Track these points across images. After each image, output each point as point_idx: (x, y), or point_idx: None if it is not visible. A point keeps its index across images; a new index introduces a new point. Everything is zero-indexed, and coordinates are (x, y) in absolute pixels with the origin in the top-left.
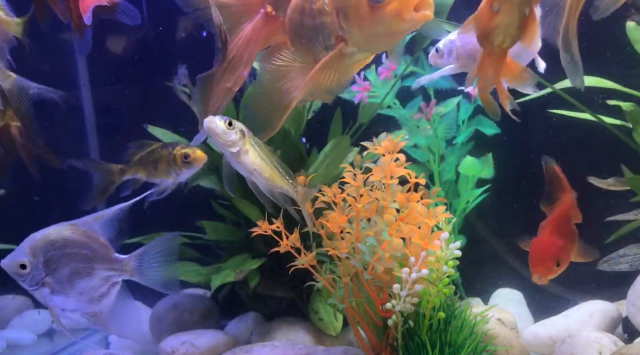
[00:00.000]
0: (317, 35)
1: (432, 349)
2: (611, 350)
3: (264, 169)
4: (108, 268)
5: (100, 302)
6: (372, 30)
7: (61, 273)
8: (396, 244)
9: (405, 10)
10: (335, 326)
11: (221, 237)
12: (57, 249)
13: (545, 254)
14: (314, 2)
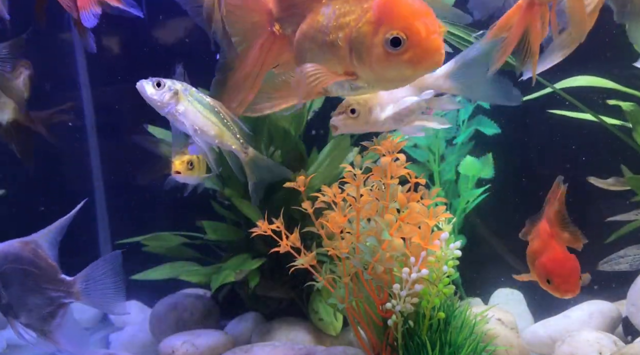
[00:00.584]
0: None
1: (432, 349)
2: (611, 350)
3: (209, 127)
4: (55, 289)
5: (50, 322)
6: (386, 74)
7: (13, 288)
8: (396, 244)
9: (421, 60)
10: (335, 326)
11: (221, 237)
12: (10, 263)
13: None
14: (327, 33)
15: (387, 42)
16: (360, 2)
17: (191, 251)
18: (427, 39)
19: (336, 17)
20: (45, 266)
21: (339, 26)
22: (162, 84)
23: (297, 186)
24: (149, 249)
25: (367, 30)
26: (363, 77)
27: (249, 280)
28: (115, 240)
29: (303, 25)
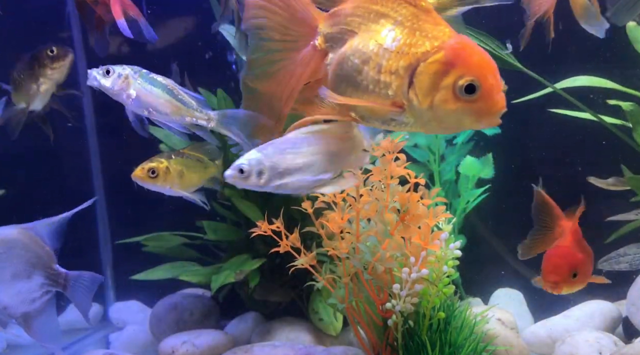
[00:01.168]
0: (372, 91)
1: (432, 349)
2: (611, 350)
3: (163, 105)
4: (46, 276)
5: (31, 305)
6: (444, 117)
7: (3, 272)
8: (396, 244)
9: (487, 113)
10: (335, 326)
11: (221, 237)
12: (4, 248)
13: (563, 262)
14: (387, 58)
15: (459, 86)
16: (429, 37)
17: (191, 251)
18: (498, 95)
19: (401, 44)
20: (40, 253)
21: (403, 54)
22: (111, 71)
23: None
24: (149, 249)
25: (437, 68)
26: (413, 113)
27: (249, 281)
28: (115, 240)
29: (355, 43)
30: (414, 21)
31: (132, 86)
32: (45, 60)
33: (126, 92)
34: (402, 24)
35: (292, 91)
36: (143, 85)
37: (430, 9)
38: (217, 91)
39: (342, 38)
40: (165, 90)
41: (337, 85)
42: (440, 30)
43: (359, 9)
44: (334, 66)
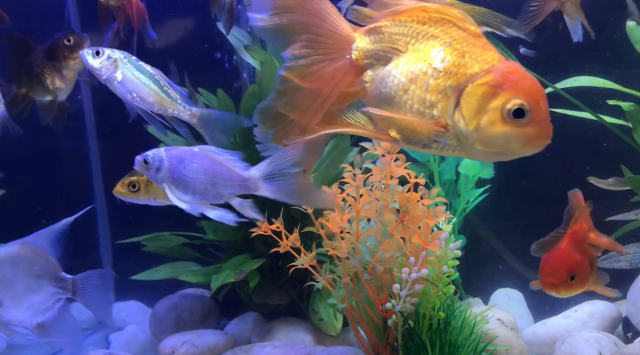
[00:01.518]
0: (417, 110)
1: (432, 349)
2: (611, 350)
3: (147, 94)
4: (55, 285)
5: (44, 315)
6: (491, 140)
7: (14, 290)
8: (396, 244)
9: (535, 139)
10: (335, 326)
11: (221, 237)
12: (10, 267)
13: (559, 264)
14: (434, 77)
15: (508, 110)
16: (479, 60)
17: (191, 251)
18: (547, 121)
19: (449, 65)
20: (45, 264)
21: (451, 74)
22: (101, 53)
23: None
24: (149, 249)
25: (486, 91)
26: (457, 135)
27: (249, 280)
28: (115, 240)
29: (403, 61)
30: (463, 44)
31: (120, 70)
32: (64, 51)
33: (112, 75)
34: (451, 45)
35: (322, 103)
36: (131, 70)
37: (480, 34)
38: (217, 91)
39: (386, 56)
40: (152, 80)
41: (378, 104)
42: (489, 54)
43: (406, 27)
44: (376, 84)
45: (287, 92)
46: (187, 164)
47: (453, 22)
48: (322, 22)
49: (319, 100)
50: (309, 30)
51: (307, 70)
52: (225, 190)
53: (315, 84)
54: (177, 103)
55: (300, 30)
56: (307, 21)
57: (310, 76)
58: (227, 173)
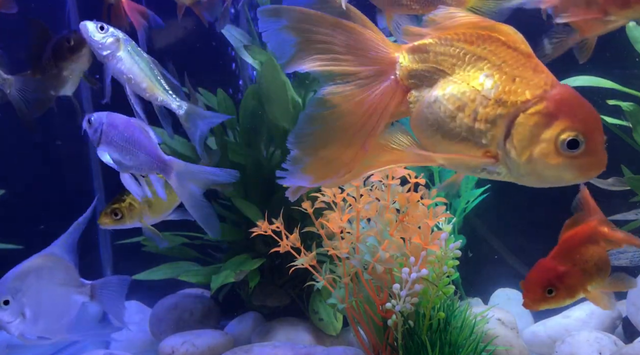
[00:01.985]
0: (465, 139)
1: (432, 349)
2: (611, 350)
3: (142, 78)
4: (76, 292)
5: (61, 319)
6: (544, 171)
7: (38, 303)
8: (396, 244)
9: (589, 170)
10: (335, 326)
11: (221, 237)
12: (36, 279)
13: (533, 279)
14: (484, 105)
15: (562, 140)
16: (530, 85)
17: (191, 251)
18: (602, 151)
19: (499, 91)
20: (66, 272)
21: (501, 103)
22: (106, 29)
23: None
24: (149, 249)
25: (538, 120)
26: (508, 165)
27: (249, 281)
28: (115, 241)
29: (450, 86)
30: (514, 66)
31: (122, 50)
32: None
33: (113, 53)
34: (500, 68)
35: (375, 127)
36: (131, 52)
37: (531, 53)
38: (217, 91)
39: (431, 77)
40: (148, 67)
41: (423, 128)
42: (541, 77)
43: (452, 47)
44: (422, 108)
45: (326, 119)
46: (119, 131)
47: (502, 40)
48: (363, 41)
49: (367, 126)
50: (349, 50)
51: (351, 94)
52: (145, 165)
53: (362, 109)
54: (168, 93)
55: (340, 51)
56: (348, 41)
57: (355, 100)
58: (151, 150)
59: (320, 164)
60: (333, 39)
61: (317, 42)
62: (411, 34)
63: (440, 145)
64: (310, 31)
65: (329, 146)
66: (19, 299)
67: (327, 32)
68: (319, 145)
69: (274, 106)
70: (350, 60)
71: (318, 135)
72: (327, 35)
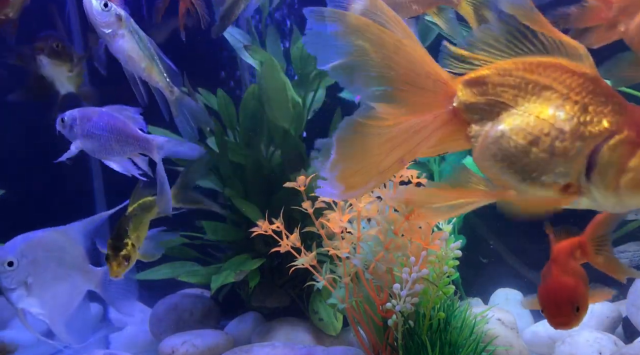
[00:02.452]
0: (539, 172)
1: (432, 349)
2: (611, 350)
3: (141, 58)
4: (82, 276)
5: (64, 307)
6: (632, 201)
7: (42, 275)
8: (400, 243)
9: None
10: (335, 326)
11: (221, 237)
12: (44, 251)
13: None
14: (560, 139)
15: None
16: (605, 113)
17: (191, 251)
18: None
19: (574, 123)
20: (76, 255)
21: (578, 135)
22: (109, 6)
23: (297, 186)
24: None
25: (622, 151)
26: (592, 197)
27: (249, 281)
28: None
29: (517, 120)
30: (583, 93)
31: (124, 28)
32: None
33: (117, 31)
34: (570, 98)
35: (418, 145)
36: (133, 31)
37: (598, 77)
38: (217, 91)
39: (492, 111)
40: (146, 47)
41: (491, 165)
42: (614, 103)
43: (511, 78)
44: (487, 143)
45: (372, 129)
46: (95, 122)
47: (565, 66)
48: (422, 68)
49: (409, 144)
50: (408, 79)
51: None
52: (128, 148)
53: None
54: (163, 76)
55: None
56: (404, 64)
57: (405, 120)
58: (130, 133)
59: (352, 172)
60: (391, 61)
61: (374, 60)
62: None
63: (512, 180)
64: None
65: (367, 156)
66: (24, 265)
67: (388, 53)
68: (357, 153)
69: (274, 106)
70: (407, 89)
71: (359, 143)
72: (386, 58)
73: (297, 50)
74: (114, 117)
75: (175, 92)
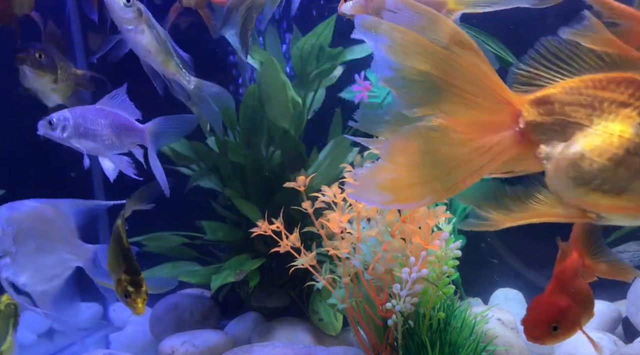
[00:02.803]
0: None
1: (432, 349)
2: (611, 350)
3: (159, 52)
4: (69, 251)
5: (51, 282)
6: None
7: (27, 246)
8: (397, 245)
9: None
10: (335, 326)
11: (221, 237)
12: (30, 222)
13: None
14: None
15: None
16: None
17: (191, 251)
18: None
19: None
20: (64, 228)
21: None
22: (131, 2)
23: (297, 186)
24: (149, 249)
25: None
26: None
27: (249, 281)
28: None
29: (596, 140)
30: None
31: (144, 24)
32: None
33: (138, 27)
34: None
35: (482, 168)
36: (151, 26)
37: None
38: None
39: (563, 131)
40: (163, 41)
41: (568, 187)
42: None
43: (581, 96)
44: (564, 165)
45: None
46: (93, 119)
47: (638, 79)
48: (484, 86)
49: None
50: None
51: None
52: (127, 140)
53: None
54: (179, 68)
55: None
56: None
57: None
58: (129, 125)
59: (405, 183)
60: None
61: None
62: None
63: (600, 202)
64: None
65: (425, 168)
66: (9, 232)
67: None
68: (414, 164)
69: (274, 106)
70: (475, 108)
71: (418, 153)
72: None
73: (297, 50)
74: (108, 112)
75: (192, 81)
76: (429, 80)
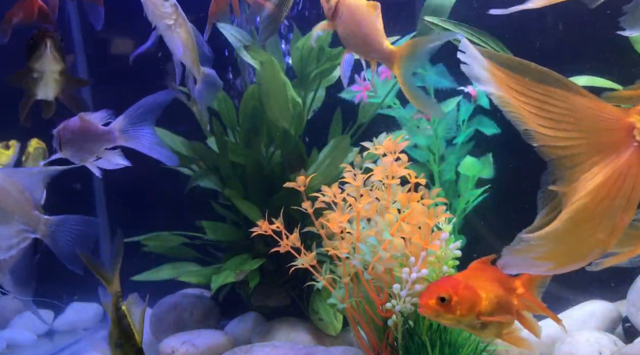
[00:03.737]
0: None
1: (432, 349)
2: (611, 350)
3: (191, 47)
4: (25, 222)
5: (7, 253)
6: None
7: None
8: (397, 244)
9: None
10: (335, 326)
11: (221, 237)
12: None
13: (432, 287)
14: None
15: None
16: None
17: (191, 251)
18: None
19: None
20: (20, 199)
21: None
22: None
23: (297, 186)
24: (149, 249)
25: None
26: None
27: (249, 281)
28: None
29: None
30: None
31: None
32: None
33: (175, 21)
34: None
35: (630, 199)
36: (185, 20)
37: None
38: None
39: None
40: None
41: None
42: None
43: None
44: None
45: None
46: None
47: None
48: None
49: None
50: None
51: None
52: (95, 146)
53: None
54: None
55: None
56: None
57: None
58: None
59: (563, 249)
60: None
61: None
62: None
63: None
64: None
65: (575, 234)
66: None
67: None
68: (562, 236)
69: (274, 106)
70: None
71: (562, 228)
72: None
73: (296, 50)
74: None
75: (204, 71)
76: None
